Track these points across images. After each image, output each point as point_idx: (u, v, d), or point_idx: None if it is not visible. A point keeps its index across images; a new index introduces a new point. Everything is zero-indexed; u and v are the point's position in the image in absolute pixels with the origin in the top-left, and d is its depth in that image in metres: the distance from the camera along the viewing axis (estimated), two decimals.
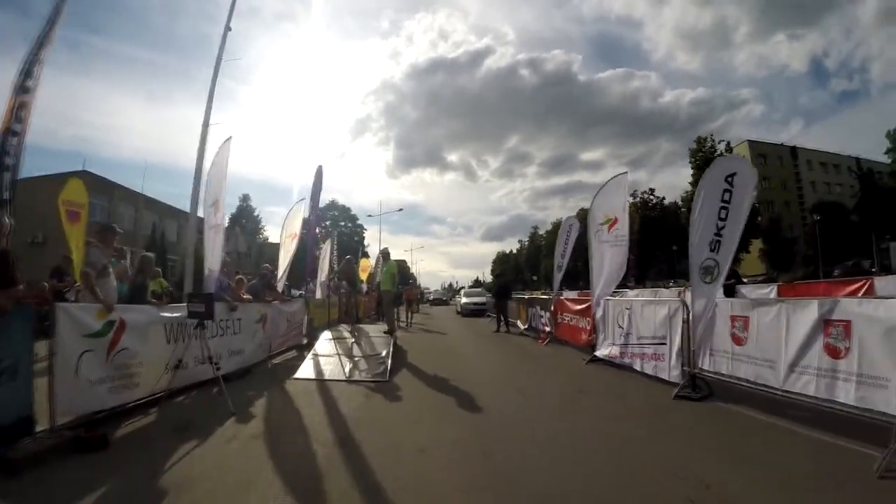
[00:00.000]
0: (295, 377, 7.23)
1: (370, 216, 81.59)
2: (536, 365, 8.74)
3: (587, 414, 5.16)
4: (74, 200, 8.43)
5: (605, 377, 7.20)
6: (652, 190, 54.90)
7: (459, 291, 39.64)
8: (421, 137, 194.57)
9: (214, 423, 4.78)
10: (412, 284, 29.31)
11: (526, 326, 14.87)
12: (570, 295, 13.03)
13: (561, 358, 9.32)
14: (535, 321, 13.96)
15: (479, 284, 67.06)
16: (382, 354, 8.19)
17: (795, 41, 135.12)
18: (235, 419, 4.95)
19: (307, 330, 11.01)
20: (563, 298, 11.54)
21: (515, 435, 4.37)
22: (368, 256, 33.02)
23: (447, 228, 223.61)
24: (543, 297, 15.06)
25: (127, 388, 4.86)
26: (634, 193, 54.33)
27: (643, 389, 6.19)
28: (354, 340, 9.20)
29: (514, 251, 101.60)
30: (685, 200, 46.10)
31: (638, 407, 5.37)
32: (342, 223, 66.08)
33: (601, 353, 8.17)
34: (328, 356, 8.26)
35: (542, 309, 13.17)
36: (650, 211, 51.97)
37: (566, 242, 11.97)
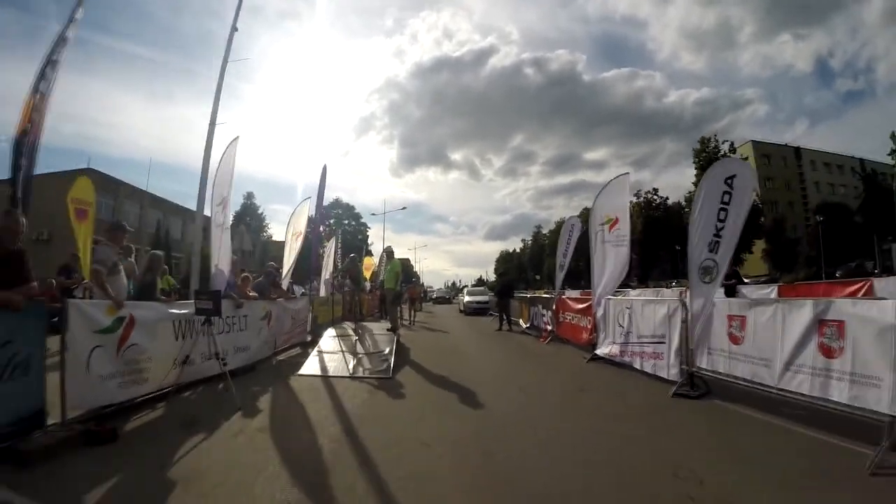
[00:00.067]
0: (299, 373, 7.29)
1: (374, 214, 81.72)
2: (538, 363, 8.78)
3: (588, 413, 5.20)
4: (83, 199, 8.54)
5: (605, 375, 7.26)
6: (655, 190, 54.62)
7: (462, 290, 39.61)
8: (425, 136, 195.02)
9: (221, 417, 4.83)
10: (415, 283, 29.35)
11: (528, 325, 14.92)
12: (572, 294, 13.08)
13: (562, 356, 9.38)
14: (536, 320, 14.03)
15: (482, 283, 66.99)
16: (386, 352, 8.25)
17: (800, 41, 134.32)
18: (242, 414, 5.01)
19: (311, 327, 11.10)
20: (564, 297, 11.60)
21: (517, 434, 4.39)
22: (372, 255, 33.15)
23: (450, 227, 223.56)
24: (545, 296, 15.12)
25: (136, 383, 4.91)
26: (638, 193, 54.10)
27: (643, 388, 6.24)
28: (358, 338, 9.27)
29: (517, 250, 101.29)
30: (689, 201, 45.90)
31: (637, 405, 5.42)
32: (346, 221, 66.07)
33: (602, 351, 8.22)
34: (332, 353, 8.33)
35: (543, 308, 13.24)
36: (654, 211, 51.70)
37: (568, 242, 12.03)
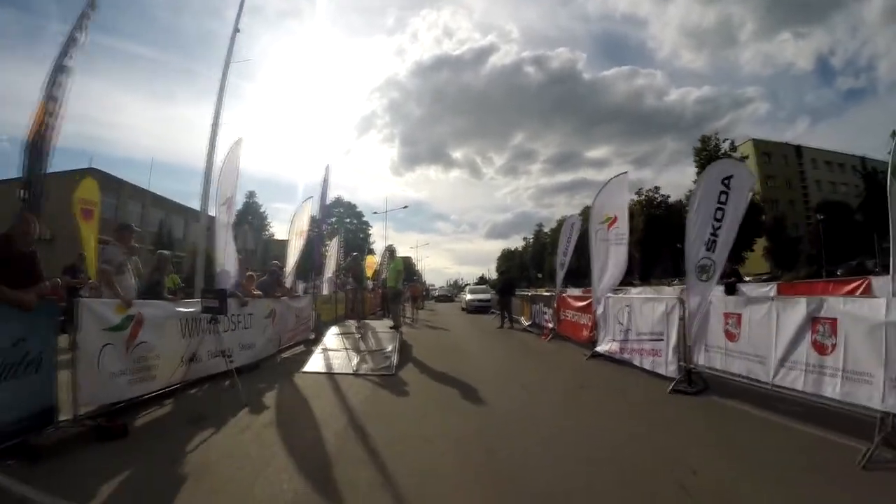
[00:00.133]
0: (304, 370, 7.38)
1: (375, 213, 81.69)
2: (539, 361, 8.85)
3: (589, 410, 5.25)
4: (88, 199, 8.64)
5: (605, 373, 7.34)
6: (657, 188, 54.44)
7: (464, 288, 39.72)
8: (426, 134, 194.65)
9: (228, 413, 4.92)
10: (416, 281, 29.48)
11: (529, 323, 14.99)
12: (573, 292, 13.17)
13: (563, 354, 9.47)
14: (538, 318, 14.13)
15: (484, 281, 66.87)
16: (388, 349, 8.34)
17: (801, 39, 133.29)
18: (248, 410, 5.10)
19: (315, 325, 11.21)
20: (565, 296, 11.69)
21: (520, 431, 4.42)
22: (374, 253, 33.28)
23: (452, 225, 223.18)
24: (546, 294, 15.22)
25: (145, 379, 5.00)
26: (640, 191, 53.93)
27: (642, 385, 6.32)
28: (361, 335, 9.37)
29: (518, 248, 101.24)
30: (690, 199, 45.66)
31: (637, 402, 5.48)
32: (347, 220, 66.08)
33: (602, 348, 8.31)
34: (336, 350, 8.42)
35: (545, 306, 13.35)
36: (655, 209, 51.54)
37: (568, 241, 12.11)
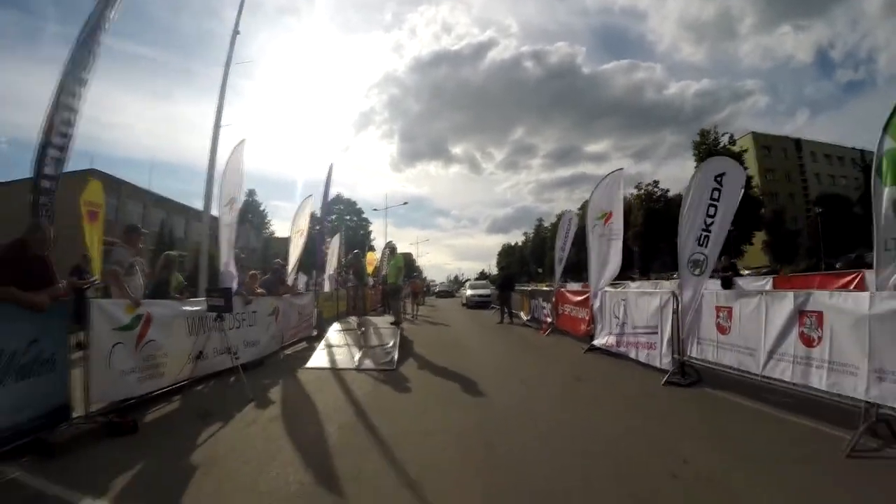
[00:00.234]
0: (307, 366, 7.50)
1: (375, 210, 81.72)
2: (538, 355, 8.99)
3: (585, 403, 5.35)
4: (93, 201, 8.77)
5: (602, 366, 7.49)
6: (656, 182, 54.23)
7: (465, 284, 39.83)
8: (425, 130, 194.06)
9: (234, 408, 5.04)
10: (417, 277, 29.59)
11: (529, 317, 15.15)
12: (573, 286, 13.32)
13: (561, 347, 9.62)
14: (537, 312, 14.28)
15: (484, 277, 66.84)
16: (389, 345, 8.46)
17: (801, 32, 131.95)
18: (254, 405, 5.23)
19: (317, 322, 11.32)
20: (563, 290, 11.84)
21: (518, 426, 4.47)
22: (374, 250, 33.41)
23: (452, 221, 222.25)
24: (545, 288, 15.37)
25: (153, 377, 5.14)
26: (639, 185, 53.93)
27: (637, 377, 6.46)
28: (362, 332, 9.49)
29: (519, 243, 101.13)
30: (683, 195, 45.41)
31: (632, 395, 5.59)
32: (347, 217, 66.10)
33: (599, 342, 8.45)
34: (338, 346, 8.55)
35: (543, 300, 13.49)
36: (654, 203, 51.44)
37: (566, 236, 12.25)
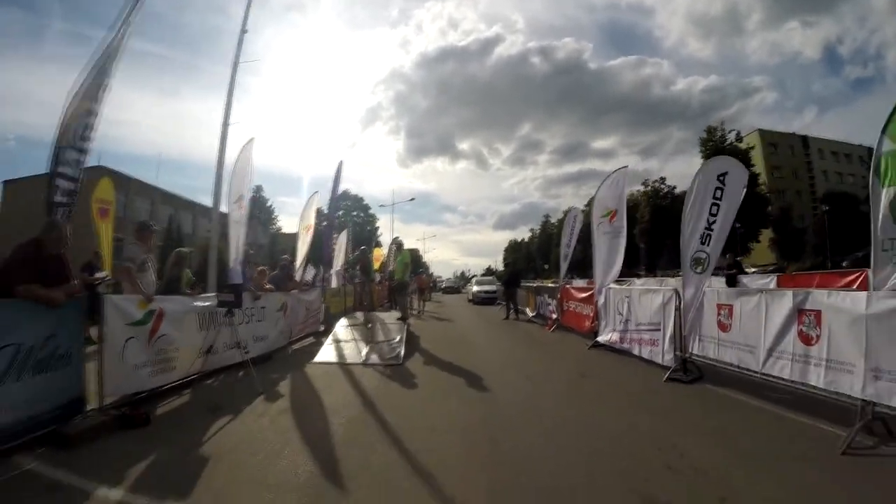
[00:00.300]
0: (315, 361, 7.62)
1: (382, 206, 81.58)
2: (543, 351, 9.08)
3: (589, 400, 5.40)
4: (104, 198, 8.89)
5: (606, 362, 7.55)
6: (663, 179, 53.91)
7: (471, 280, 39.93)
8: (431, 126, 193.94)
9: (243, 402, 5.15)
10: (422, 272, 29.64)
11: (534, 314, 15.23)
12: (578, 283, 13.37)
13: (566, 344, 9.70)
14: (542, 309, 14.37)
15: (491, 273, 66.90)
16: (396, 340, 8.57)
17: (808, 28, 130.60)
18: (264, 398, 5.35)
19: (324, 317, 11.46)
20: (568, 287, 11.89)
21: (524, 423, 4.49)
22: (381, 246, 33.53)
23: (459, 217, 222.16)
24: (551, 285, 15.43)
25: (165, 371, 5.26)
26: (646, 182, 53.67)
27: (640, 374, 6.52)
28: (369, 327, 9.61)
29: (525, 240, 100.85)
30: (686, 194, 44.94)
31: (636, 392, 5.64)
32: (354, 213, 66.24)
33: (603, 338, 8.51)
34: (345, 341, 8.66)
35: (549, 297, 13.56)
36: (661, 200, 51.09)
37: (571, 233, 12.27)
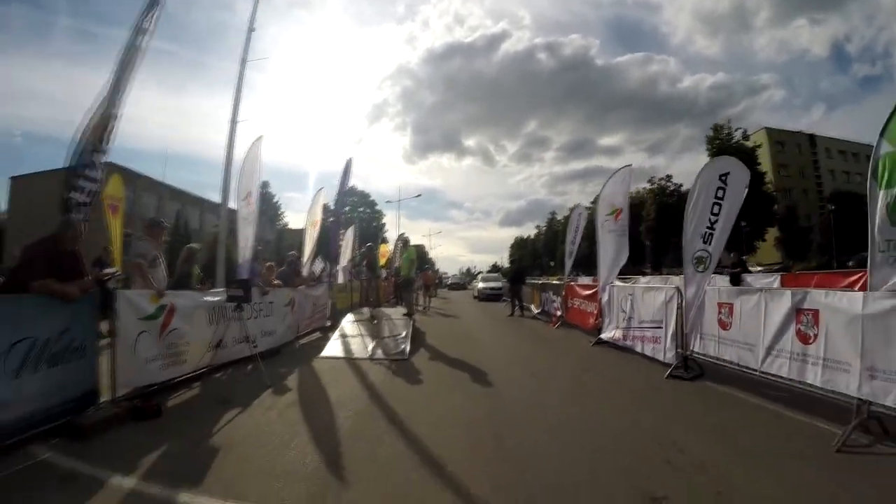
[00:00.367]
0: (322, 355, 7.74)
1: (388, 202, 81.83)
2: (548, 348, 9.15)
3: (593, 396, 5.44)
4: (114, 195, 9.07)
5: (609, 359, 7.62)
6: (669, 176, 53.59)
7: (477, 276, 39.98)
8: (438, 122, 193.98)
9: (252, 395, 5.27)
10: (428, 269, 29.70)
11: (539, 310, 15.28)
12: (584, 280, 13.43)
13: (570, 340, 9.77)
14: (547, 305, 14.43)
15: (496, 269, 66.75)
16: (402, 335, 8.67)
17: (816, 26, 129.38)
18: (272, 391, 5.46)
19: (330, 313, 11.56)
20: (572, 284, 11.95)
21: (528, 420, 4.51)
22: (387, 241, 33.63)
23: (465, 213, 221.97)
24: (556, 282, 15.50)
25: (176, 364, 5.39)
26: (652, 180, 53.43)
27: (643, 371, 6.58)
28: (376, 323, 9.75)
29: (531, 236, 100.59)
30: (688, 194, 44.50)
31: (638, 389, 5.68)
32: (361, 209, 66.37)
33: (606, 335, 8.58)
34: (351, 337, 8.78)
35: (554, 294, 13.62)
36: (667, 198, 50.77)
37: (576, 230, 12.33)
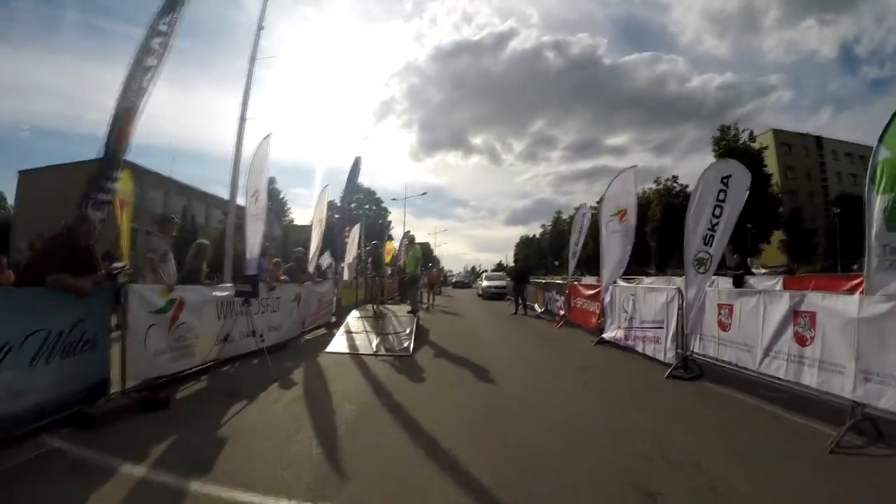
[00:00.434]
0: (327, 351, 7.85)
1: (394, 200, 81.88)
2: (551, 347, 9.20)
3: (594, 396, 5.48)
4: (123, 190, 9.19)
5: (611, 359, 7.68)
6: (675, 177, 53.48)
7: (481, 275, 40.07)
8: (445, 120, 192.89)
9: (259, 388, 5.37)
10: (433, 266, 29.82)
11: (542, 309, 15.37)
12: (588, 280, 13.49)
13: (573, 340, 9.82)
14: (550, 305, 14.52)
15: (501, 268, 66.73)
16: (406, 332, 8.78)
17: (825, 27, 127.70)
18: (278, 385, 5.57)
19: (336, 309, 11.66)
20: (575, 284, 12.00)
21: (532, 419, 4.52)
22: (392, 239, 33.78)
23: (471, 212, 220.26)
24: (559, 282, 15.56)
25: (184, 357, 5.50)
26: (658, 180, 53.34)
27: (644, 371, 6.63)
28: (380, 319, 9.86)
29: (537, 235, 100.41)
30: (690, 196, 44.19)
31: (639, 389, 5.73)
32: (367, 206, 66.56)
33: (608, 335, 8.65)
34: (356, 333, 8.88)
35: (557, 293, 13.69)
36: (673, 198, 50.57)
37: (580, 230, 12.37)
